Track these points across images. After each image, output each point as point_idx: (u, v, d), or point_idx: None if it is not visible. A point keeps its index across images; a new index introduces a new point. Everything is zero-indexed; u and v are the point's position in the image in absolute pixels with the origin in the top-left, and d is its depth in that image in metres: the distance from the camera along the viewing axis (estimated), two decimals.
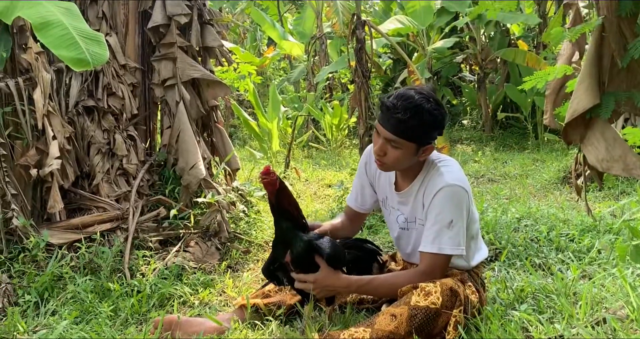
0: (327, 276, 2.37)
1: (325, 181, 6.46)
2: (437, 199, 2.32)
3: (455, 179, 2.34)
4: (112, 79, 3.99)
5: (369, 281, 2.40)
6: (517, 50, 8.99)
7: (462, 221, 2.33)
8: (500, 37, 9.97)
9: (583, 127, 2.20)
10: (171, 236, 3.78)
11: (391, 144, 2.31)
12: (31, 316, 2.88)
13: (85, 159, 3.88)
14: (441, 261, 2.34)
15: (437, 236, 2.31)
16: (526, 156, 7.81)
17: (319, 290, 2.39)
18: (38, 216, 3.65)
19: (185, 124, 4.08)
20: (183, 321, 2.51)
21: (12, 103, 3.54)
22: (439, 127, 2.32)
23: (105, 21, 4.06)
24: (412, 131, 2.26)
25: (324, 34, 11.32)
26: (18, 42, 3.62)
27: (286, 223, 2.38)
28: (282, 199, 2.37)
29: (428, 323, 2.18)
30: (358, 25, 4.42)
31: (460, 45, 10.80)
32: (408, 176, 2.48)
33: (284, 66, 15.09)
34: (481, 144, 9.23)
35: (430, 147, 2.37)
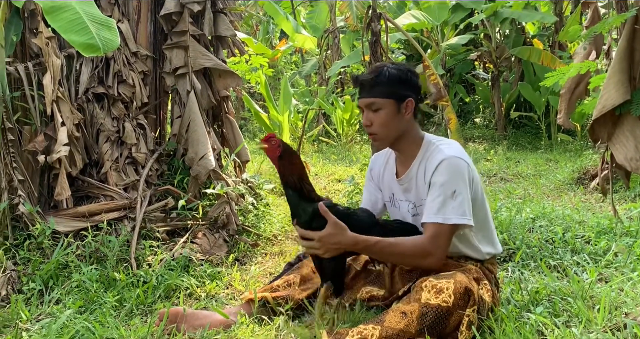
0: (333, 233, 2.25)
1: (335, 176, 6.40)
2: (438, 171, 2.29)
3: (453, 152, 2.32)
4: (123, 66, 3.94)
5: (376, 242, 2.29)
6: (533, 49, 8.88)
7: (465, 191, 2.27)
8: (515, 35, 9.87)
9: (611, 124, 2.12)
10: (179, 226, 3.73)
11: (371, 109, 2.37)
12: (35, 304, 2.85)
13: (94, 147, 3.84)
14: (446, 231, 2.27)
15: (442, 207, 2.25)
16: (539, 155, 7.72)
17: (325, 249, 2.29)
18: (45, 203, 3.62)
19: (196, 114, 4.03)
20: (189, 314, 2.46)
21: (21, 88, 3.51)
22: (408, 81, 2.38)
23: (117, 7, 4.01)
24: (382, 87, 2.34)
25: (337, 28, 11.25)
26: (29, 27, 3.59)
27: (290, 191, 2.30)
28: (284, 168, 2.29)
29: (439, 322, 2.11)
30: (373, 18, 4.35)
31: (475, 43, 10.70)
32: (407, 158, 2.45)
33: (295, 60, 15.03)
34: (493, 143, 9.14)
35: (410, 102, 2.37)
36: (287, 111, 6.34)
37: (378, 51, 4.38)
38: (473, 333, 2.13)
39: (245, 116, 11.35)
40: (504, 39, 10.02)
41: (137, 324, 2.55)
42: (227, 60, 4.53)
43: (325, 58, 11.39)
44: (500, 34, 10.12)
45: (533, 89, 8.98)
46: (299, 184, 2.28)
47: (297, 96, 10.24)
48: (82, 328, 2.45)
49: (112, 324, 2.51)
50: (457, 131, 5.09)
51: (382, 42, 4.50)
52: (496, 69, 9.71)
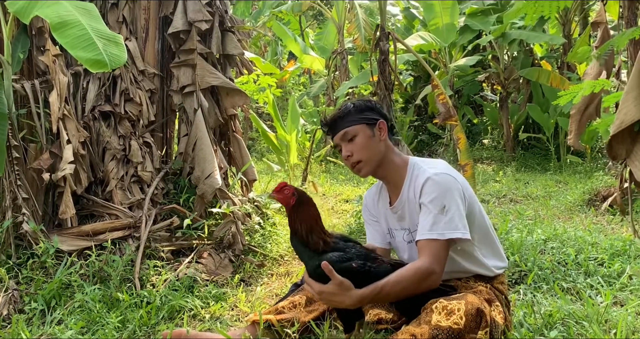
0: (335, 293, 2.15)
1: (342, 196, 6.35)
2: (424, 191, 2.25)
3: (438, 169, 2.29)
4: (130, 84, 3.92)
5: (381, 289, 2.17)
6: (541, 70, 8.86)
7: (456, 206, 2.21)
8: (523, 57, 9.86)
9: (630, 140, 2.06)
10: (184, 246, 3.68)
11: (347, 139, 2.38)
12: (36, 325, 2.79)
13: (99, 165, 3.80)
14: (442, 247, 2.20)
15: (434, 223, 2.20)
16: (548, 177, 7.65)
17: (325, 302, 2.23)
18: (49, 221, 3.57)
19: (203, 132, 4.00)
20: (192, 335, 2.40)
21: (27, 105, 3.49)
22: (373, 108, 2.44)
23: (125, 25, 4.01)
24: (350, 117, 2.39)
25: (345, 49, 11.28)
26: (36, 44, 3.59)
27: (295, 239, 2.20)
28: (295, 218, 2.19)
29: None
30: (382, 37, 4.33)
31: (483, 64, 10.70)
32: (396, 185, 2.41)
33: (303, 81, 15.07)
34: (502, 164, 9.08)
35: (382, 124, 2.40)
36: (295, 130, 6.30)
37: (387, 70, 4.35)
38: None
39: (253, 136, 11.35)
40: (512, 61, 10.01)
41: None
42: (235, 80, 4.52)
43: (334, 79, 11.41)
44: (509, 56, 10.12)
45: (542, 110, 8.95)
46: (306, 237, 2.17)
47: (305, 116, 10.24)
48: None
49: None
50: (466, 150, 5.03)
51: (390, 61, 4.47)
52: (504, 91, 9.69)
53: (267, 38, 14.86)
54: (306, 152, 7.01)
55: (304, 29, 13.83)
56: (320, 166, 8.90)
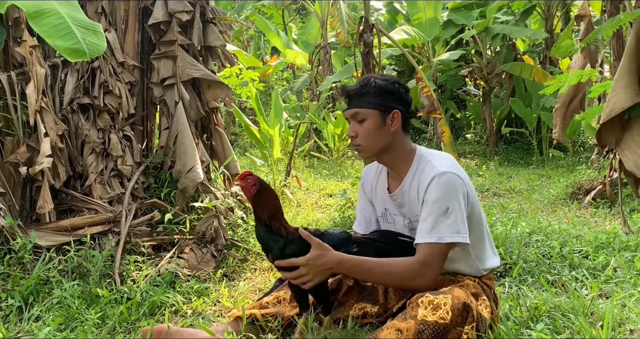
0: (319, 254, 2.18)
1: (326, 191, 6.31)
2: (431, 188, 2.20)
3: (447, 167, 2.23)
4: (110, 76, 3.85)
5: (363, 261, 2.21)
6: (524, 65, 8.88)
7: (460, 209, 2.18)
8: (506, 52, 9.88)
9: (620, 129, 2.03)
10: (165, 241, 3.62)
11: (357, 119, 2.31)
12: (13, 322, 2.73)
13: (78, 159, 3.73)
14: (441, 250, 2.18)
15: (435, 225, 2.16)
16: (531, 171, 7.68)
17: (313, 273, 2.20)
18: (26, 216, 3.50)
19: (184, 125, 3.93)
20: (173, 331, 2.34)
21: (3, 98, 3.42)
22: (394, 93, 2.31)
23: (104, 17, 3.93)
24: (368, 98, 2.29)
25: (329, 44, 11.23)
26: (12, 35, 3.50)
27: (260, 226, 2.27)
28: (258, 205, 2.27)
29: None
30: (366, 29, 4.28)
31: (466, 59, 10.71)
32: (398, 173, 2.36)
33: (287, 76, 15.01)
34: (485, 159, 9.10)
35: (397, 114, 2.29)
36: (278, 124, 6.24)
37: (370, 63, 4.31)
38: None
39: (236, 131, 11.27)
40: (495, 55, 10.04)
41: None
42: (217, 74, 4.45)
43: (317, 73, 11.37)
44: (491, 50, 10.14)
45: (524, 105, 8.97)
46: (268, 221, 2.25)
47: (288, 111, 10.18)
48: None
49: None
50: (450, 144, 5.01)
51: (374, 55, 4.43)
52: (487, 85, 9.70)
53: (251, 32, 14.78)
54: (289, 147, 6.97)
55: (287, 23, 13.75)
56: (303, 161, 8.86)
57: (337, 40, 11.31)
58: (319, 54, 11.17)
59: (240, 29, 13.91)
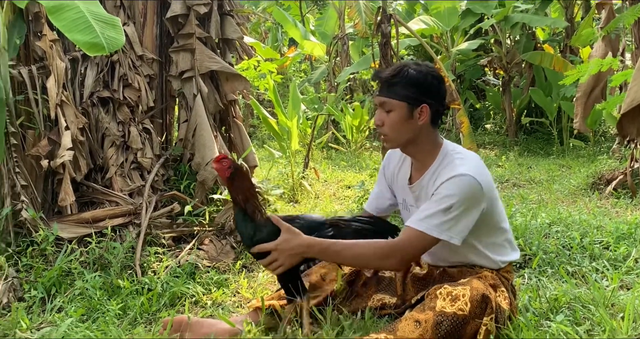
0: (288, 238, 2.21)
1: (344, 182, 6.32)
2: (445, 185, 2.16)
3: (468, 169, 2.17)
4: (129, 70, 3.88)
5: (332, 244, 2.22)
6: (544, 54, 8.78)
7: (464, 213, 2.13)
8: (525, 41, 9.77)
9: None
10: (185, 233, 3.65)
11: (385, 108, 2.27)
12: (36, 313, 2.77)
13: (98, 152, 3.77)
14: (422, 241, 2.16)
15: (430, 216, 2.14)
16: (551, 161, 7.60)
17: (283, 258, 2.22)
18: (48, 208, 3.55)
19: (203, 118, 3.95)
20: (193, 322, 2.37)
21: (24, 92, 3.46)
22: (426, 85, 2.23)
23: (123, 11, 3.95)
24: (398, 88, 2.23)
25: (346, 35, 11.19)
26: (33, 29, 3.54)
27: (236, 210, 2.33)
28: (233, 188, 2.32)
29: (455, 331, 2.01)
30: (384, 19, 4.26)
31: (485, 48, 10.61)
32: (423, 166, 2.33)
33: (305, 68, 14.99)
34: (505, 149, 9.03)
35: (425, 108, 2.23)
36: (296, 116, 6.24)
37: (388, 54, 4.29)
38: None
39: (254, 123, 11.30)
40: (515, 44, 9.92)
41: (141, 333, 2.47)
42: (235, 66, 4.46)
43: (335, 65, 11.34)
44: (511, 40, 10.03)
45: (545, 94, 8.88)
46: (243, 204, 2.30)
47: (306, 103, 10.17)
48: (84, 337, 2.37)
49: (115, 333, 2.43)
50: (469, 134, 4.99)
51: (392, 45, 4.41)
52: (507, 75, 9.61)
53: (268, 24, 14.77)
54: (307, 139, 6.96)
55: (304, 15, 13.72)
56: (321, 153, 8.86)
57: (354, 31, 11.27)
58: (337, 45, 11.14)
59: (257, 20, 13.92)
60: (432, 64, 2.34)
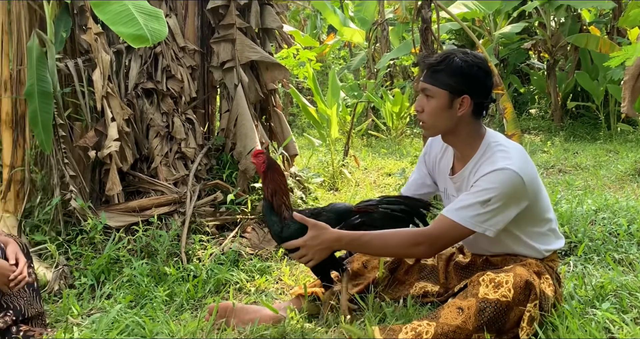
0: (315, 235, 2.24)
1: (385, 170, 6.30)
2: (485, 177, 2.14)
3: (510, 162, 2.13)
4: (172, 61, 3.94)
5: (361, 235, 2.25)
6: (590, 36, 8.55)
7: (501, 208, 2.11)
8: (571, 23, 9.52)
9: None
10: (228, 221, 3.72)
11: (426, 94, 2.24)
12: (87, 299, 2.87)
13: (144, 142, 3.85)
14: (455, 231, 2.16)
15: (464, 208, 2.13)
16: (598, 146, 7.44)
17: (312, 253, 2.26)
18: (96, 198, 3.65)
19: (244, 107, 4.00)
20: (238, 308, 2.42)
21: (71, 84, 3.56)
22: (470, 76, 2.19)
23: (165, 2, 4.01)
24: (441, 76, 2.20)
25: (386, 20, 11.10)
26: (78, 23, 3.63)
27: (264, 202, 2.41)
28: (264, 182, 2.41)
29: (499, 318, 2.01)
30: (424, 5, 4.23)
31: (529, 31, 10.39)
32: (464, 157, 2.30)
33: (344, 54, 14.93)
34: (550, 134, 8.86)
35: (466, 99, 2.19)
36: (336, 104, 6.25)
37: (429, 40, 4.25)
38: (535, 329, 2.03)
39: (293, 111, 11.34)
40: (559, 27, 9.69)
41: (187, 319, 2.53)
42: (274, 55, 4.49)
43: (374, 51, 11.26)
44: (555, 22, 9.80)
45: (591, 77, 8.67)
46: (270, 197, 2.38)
47: (345, 90, 10.14)
48: (132, 323, 2.44)
49: (162, 319, 2.50)
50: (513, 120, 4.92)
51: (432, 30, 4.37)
52: (552, 58, 9.41)
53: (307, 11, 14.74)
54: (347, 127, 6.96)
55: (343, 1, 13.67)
56: (361, 140, 8.85)
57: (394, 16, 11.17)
58: (377, 31, 11.04)
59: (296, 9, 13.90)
60: (481, 54, 2.29)
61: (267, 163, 2.40)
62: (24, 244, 2.43)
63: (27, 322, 2.39)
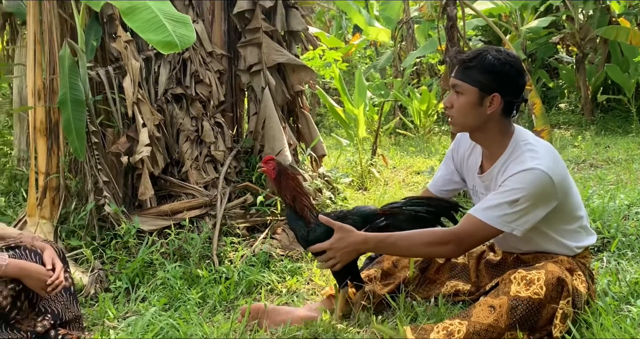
0: (342, 237, 2.25)
1: (413, 168, 6.27)
2: (513, 177, 2.12)
3: (539, 163, 2.11)
4: (200, 66, 3.98)
5: (387, 237, 2.24)
6: (620, 28, 8.38)
7: (529, 208, 2.09)
8: (599, 15, 9.34)
9: None
10: (258, 222, 3.75)
11: (456, 90, 2.23)
12: (122, 302, 2.91)
13: (174, 146, 3.90)
14: (482, 231, 2.15)
15: (494, 207, 2.12)
16: (630, 140, 7.29)
17: (339, 255, 2.26)
18: (129, 202, 3.71)
19: (271, 110, 4.03)
20: (270, 309, 2.44)
21: (102, 91, 3.62)
22: (502, 74, 2.17)
23: (192, 8, 4.06)
24: (472, 72, 2.19)
25: (411, 18, 11.05)
26: (108, 31, 3.69)
27: (286, 208, 2.42)
28: (279, 187, 2.41)
29: (531, 315, 2.00)
30: (449, 2, 4.21)
31: (557, 25, 10.22)
32: (493, 155, 2.29)
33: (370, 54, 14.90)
34: (580, 128, 8.72)
35: (496, 98, 2.17)
36: (363, 103, 6.24)
37: (455, 37, 4.23)
38: (568, 326, 2.01)
39: (320, 111, 11.35)
40: (588, 20, 9.52)
41: (220, 321, 2.56)
42: (300, 56, 4.51)
43: (400, 49, 11.22)
44: (584, 15, 9.63)
45: (621, 70, 8.50)
46: (292, 203, 2.38)
47: (372, 89, 10.12)
48: (167, 325, 2.48)
49: (196, 321, 2.53)
50: (542, 115, 4.85)
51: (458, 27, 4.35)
52: (580, 51, 9.25)
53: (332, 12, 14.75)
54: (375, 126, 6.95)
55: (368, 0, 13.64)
56: (389, 139, 8.82)
57: (419, 14, 11.12)
58: (402, 29, 11.00)
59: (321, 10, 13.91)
60: (515, 53, 2.26)
61: (277, 169, 2.40)
62: (60, 250, 2.48)
63: (64, 326, 2.42)
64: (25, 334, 2.27)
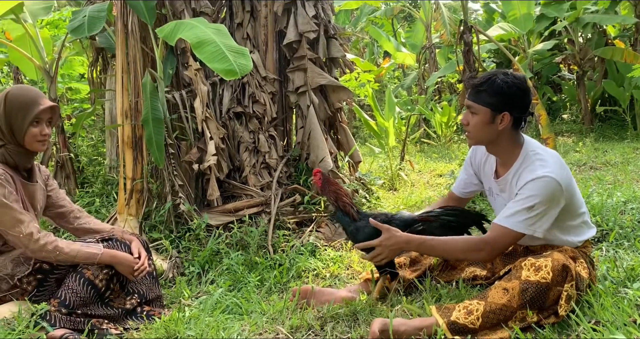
0: (389, 236, 2.24)
1: (436, 172, 6.21)
2: (526, 187, 2.08)
3: (548, 170, 2.07)
4: (256, 89, 4.03)
5: (427, 240, 2.22)
6: (615, 48, 8.14)
7: (545, 210, 2.06)
8: (597, 38, 9.09)
9: None
10: (305, 218, 3.76)
11: (470, 110, 2.20)
12: (194, 284, 2.96)
13: (236, 156, 3.95)
14: (509, 236, 2.11)
15: (514, 214, 2.08)
16: (626, 145, 7.07)
17: (386, 252, 2.26)
18: (200, 202, 3.76)
19: (315, 124, 4.05)
20: (317, 291, 2.45)
21: (177, 111, 3.67)
22: (510, 96, 2.12)
23: (249, 41, 4.11)
24: (483, 95, 2.15)
25: (433, 44, 10.96)
26: (181, 61, 3.75)
27: (337, 213, 2.42)
28: (326, 195, 2.45)
29: (539, 297, 1.96)
30: (465, 30, 4.16)
31: (559, 47, 9.99)
32: (506, 163, 2.25)
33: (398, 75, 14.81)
34: (581, 136, 8.50)
35: (506, 116, 2.14)
36: (392, 117, 6.22)
37: (471, 59, 4.18)
38: (572, 306, 1.96)
39: (356, 124, 11.34)
40: (587, 42, 9.28)
41: (275, 300, 2.58)
42: (339, 79, 4.52)
43: (424, 71, 11.13)
44: (583, 38, 9.38)
45: (617, 85, 8.25)
46: (335, 203, 2.41)
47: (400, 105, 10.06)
48: (232, 303, 2.52)
49: (255, 300, 2.56)
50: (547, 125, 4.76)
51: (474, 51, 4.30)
52: (581, 70, 9.01)
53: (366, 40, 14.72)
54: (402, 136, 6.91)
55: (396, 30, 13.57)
56: (415, 147, 8.75)
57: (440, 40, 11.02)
58: (425, 53, 10.93)
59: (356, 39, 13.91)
60: (521, 74, 2.22)
61: (322, 178, 2.45)
62: (144, 241, 2.54)
63: (148, 303, 2.48)
64: (117, 310, 2.33)
